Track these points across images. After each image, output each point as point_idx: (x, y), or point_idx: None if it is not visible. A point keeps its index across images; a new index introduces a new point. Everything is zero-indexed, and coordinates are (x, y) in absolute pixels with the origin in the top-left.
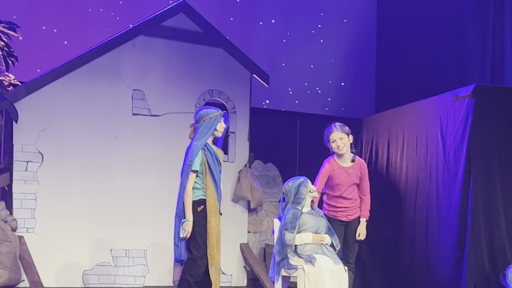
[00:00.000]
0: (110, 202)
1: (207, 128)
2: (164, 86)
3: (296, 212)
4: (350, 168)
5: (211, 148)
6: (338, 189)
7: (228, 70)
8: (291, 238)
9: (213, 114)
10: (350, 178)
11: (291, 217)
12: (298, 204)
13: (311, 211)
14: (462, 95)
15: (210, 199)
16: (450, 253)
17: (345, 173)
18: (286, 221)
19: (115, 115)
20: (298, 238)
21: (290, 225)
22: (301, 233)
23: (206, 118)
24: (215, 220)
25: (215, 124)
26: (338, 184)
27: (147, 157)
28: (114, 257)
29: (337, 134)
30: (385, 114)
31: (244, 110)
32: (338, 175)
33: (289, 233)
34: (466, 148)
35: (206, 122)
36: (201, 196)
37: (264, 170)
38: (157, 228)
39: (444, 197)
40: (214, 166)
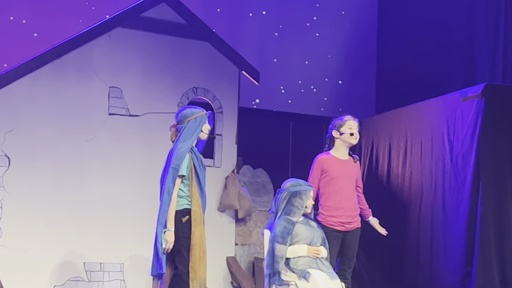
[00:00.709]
0: (84, 210)
1: (193, 129)
2: (144, 83)
3: (288, 223)
4: (348, 161)
5: (197, 152)
6: (336, 183)
7: (214, 66)
8: (282, 251)
9: (198, 114)
10: (349, 171)
11: (282, 227)
12: (289, 214)
13: (305, 221)
14: (471, 95)
15: (195, 208)
16: (457, 268)
17: (342, 165)
18: (277, 233)
19: (90, 115)
20: (291, 250)
21: (282, 237)
22: (294, 245)
23: (190, 118)
24: (200, 230)
25: (201, 125)
26: (336, 177)
27: (125, 161)
28: (88, 271)
29: (356, 124)
30: (386, 116)
31: (232, 110)
32: (334, 167)
33: (281, 245)
34: (475, 153)
35: (191, 123)
36: (185, 205)
37: (253, 176)
38: (135, 239)
39: (451, 206)
40: (200, 172)
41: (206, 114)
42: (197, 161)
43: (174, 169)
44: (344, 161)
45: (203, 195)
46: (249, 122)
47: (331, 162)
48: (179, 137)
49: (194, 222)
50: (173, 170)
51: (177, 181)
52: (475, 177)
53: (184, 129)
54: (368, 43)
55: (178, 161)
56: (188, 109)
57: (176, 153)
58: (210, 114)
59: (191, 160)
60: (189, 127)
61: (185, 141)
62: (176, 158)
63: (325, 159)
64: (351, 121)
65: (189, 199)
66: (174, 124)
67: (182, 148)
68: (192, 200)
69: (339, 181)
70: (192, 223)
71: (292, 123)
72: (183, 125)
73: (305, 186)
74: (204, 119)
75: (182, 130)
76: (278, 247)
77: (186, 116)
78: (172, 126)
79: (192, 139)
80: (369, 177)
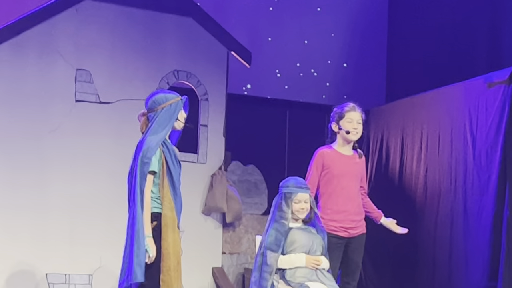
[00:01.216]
0: (45, 214)
1: (167, 118)
2: (117, 65)
3: (279, 231)
4: (352, 157)
5: (169, 145)
6: (338, 182)
7: (198, 45)
8: (273, 260)
9: (173, 100)
10: (353, 168)
11: (273, 238)
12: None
13: (304, 227)
14: (496, 80)
15: (166, 211)
16: (480, 282)
17: (346, 162)
18: (269, 240)
19: (53, 102)
20: (287, 260)
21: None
22: (290, 254)
23: (164, 105)
24: (173, 237)
25: (176, 112)
26: (338, 175)
27: (94, 156)
28: (51, 283)
29: (358, 115)
30: (398, 104)
31: (219, 97)
32: (336, 163)
33: (272, 253)
34: (501, 148)
35: (165, 110)
36: (154, 209)
37: (243, 174)
38: (106, 247)
39: (473, 210)
40: (173, 168)
41: (182, 100)
42: (169, 156)
43: (146, 164)
44: (348, 157)
45: (177, 196)
46: (239, 111)
47: (333, 157)
48: (150, 126)
49: (165, 228)
50: (144, 165)
51: (149, 177)
52: (501, 176)
53: (157, 117)
54: (378, 19)
55: (149, 154)
56: (160, 94)
57: (146, 145)
58: (186, 100)
59: (163, 154)
60: (163, 115)
61: (157, 133)
62: (146, 151)
63: (327, 154)
64: (352, 112)
65: (159, 201)
66: (144, 112)
67: (153, 139)
68: (163, 202)
69: (341, 180)
70: (162, 228)
71: (289, 112)
72: (156, 113)
73: (292, 187)
74: (180, 105)
75: (154, 118)
76: (269, 255)
77: (159, 102)
78: (142, 115)
79: (166, 129)
80: (377, 176)
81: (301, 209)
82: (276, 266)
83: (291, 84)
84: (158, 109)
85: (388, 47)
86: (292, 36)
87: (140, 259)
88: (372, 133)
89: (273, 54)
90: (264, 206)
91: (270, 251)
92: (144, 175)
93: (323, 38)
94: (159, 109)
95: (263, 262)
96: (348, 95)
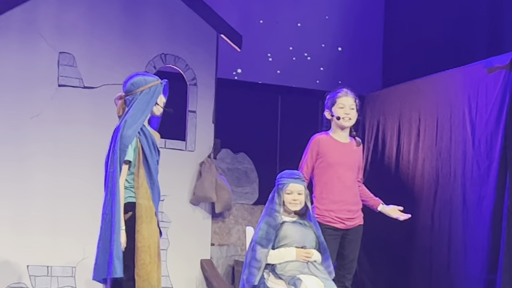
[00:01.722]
0: (26, 204)
1: (145, 102)
2: (102, 48)
3: (270, 226)
4: (349, 145)
5: (147, 131)
6: (334, 171)
7: (187, 28)
8: (262, 255)
9: (153, 83)
10: (350, 156)
11: (264, 233)
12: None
13: (298, 221)
14: (497, 65)
15: (142, 200)
16: (479, 274)
17: (342, 150)
18: (259, 234)
19: (35, 86)
20: (277, 254)
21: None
22: (280, 249)
23: (143, 88)
24: (149, 228)
25: (155, 97)
26: (334, 164)
27: (77, 144)
28: (32, 276)
29: (350, 100)
30: (395, 90)
31: (208, 82)
32: (332, 151)
33: (262, 248)
34: (502, 136)
35: (144, 94)
36: (130, 199)
37: (233, 162)
38: (90, 239)
39: (473, 200)
40: (150, 156)
41: (162, 83)
42: (147, 143)
43: (122, 151)
44: (345, 145)
45: (154, 185)
46: (229, 96)
47: (329, 144)
48: (127, 111)
49: (139, 219)
50: (121, 152)
51: (124, 167)
52: (502, 165)
53: (135, 101)
54: (374, 1)
55: (125, 142)
56: (139, 77)
57: (124, 132)
58: (166, 84)
59: (139, 142)
60: (141, 99)
61: (135, 118)
62: (122, 138)
63: (323, 141)
64: (344, 97)
65: (134, 191)
66: (122, 95)
67: (132, 126)
68: (138, 191)
69: (338, 169)
70: (137, 220)
71: (281, 98)
72: (134, 97)
73: (285, 178)
74: (159, 89)
75: (132, 102)
76: (258, 250)
77: (138, 85)
78: (119, 98)
79: (145, 114)
80: (373, 164)
81: (293, 200)
82: (266, 261)
83: (283, 69)
84: (137, 92)
85: (385, 30)
86: (284, 18)
87: (119, 253)
88: (367, 119)
89: (264, 37)
90: (254, 195)
91: (259, 246)
92: (120, 164)
93: (317, 21)
94: (137, 92)
95: (252, 257)
96: (342, 80)
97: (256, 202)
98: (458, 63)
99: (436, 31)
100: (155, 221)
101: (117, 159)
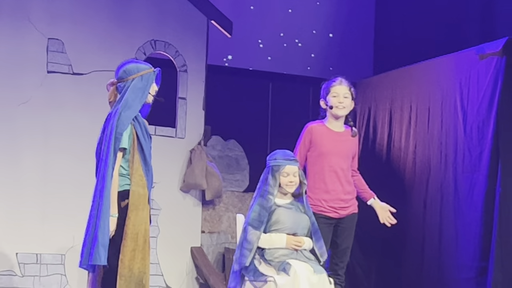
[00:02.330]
0: (15, 191)
1: (140, 90)
2: (91, 34)
3: (264, 208)
4: (343, 134)
5: (140, 118)
6: (327, 160)
7: (177, 14)
8: (254, 237)
9: (146, 71)
10: (343, 145)
11: (256, 214)
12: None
13: (291, 204)
14: (489, 52)
15: (136, 188)
16: (471, 262)
17: (336, 139)
18: (249, 220)
19: (23, 73)
20: (267, 239)
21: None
22: (271, 234)
23: (135, 75)
24: (141, 216)
25: (148, 85)
26: (326, 153)
27: (66, 130)
28: (21, 263)
29: (344, 89)
30: (387, 77)
31: (199, 68)
32: (325, 140)
33: (253, 230)
34: (493, 123)
35: (136, 81)
36: (126, 186)
37: (224, 149)
38: (79, 226)
39: (464, 187)
40: (145, 143)
41: (154, 72)
42: (140, 130)
43: (117, 139)
44: (338, 134)
45: (148, 172)
46: (220, 83)
47: (322, 133)
48: (121, 98)
49: (132, 206)
50: (116, 140)
51: (119, 154)
52: (494, 152)
53: (128, 88)
54: None
55: (121, 129)
56: (132, 64)
57: (119, 119)
58: (159, 72)
59: (133, 129)
60: (134, 86)
61: (130, 105)
62: (118, 125)
63: (316, 129)
64: (337, 86)
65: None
66: (114, 82)
67: (125, 113)
68: (133, 178)
69: (331, 158)
70: (129, 207)
71: (272, 85)
72: (126, 84)
73: (280, 159)
74: (152, 78)
75: (124, 89)
76: (249, 231)
77: (130, 72)
78: (111, 84)
79: (140, 102)
80: (364, 152)
81: (290, 182)
82: (257, 243)
83: (274, 55)
84: (129, 79)
85: (376, 16)
86: (275, 4)
87: (105, 240)
88: (359, 106)
89: (255, 23)
90: (245, 183)
91: (251, 227)
92: (114, 151)
93: (308, 7)
94: (129, 79)
95: (244, 238)
96: (334, 67)
97: (247, 189)
98: (450, 49)
99: (428, 18)
100: (147, 209)
101: (111, 147)
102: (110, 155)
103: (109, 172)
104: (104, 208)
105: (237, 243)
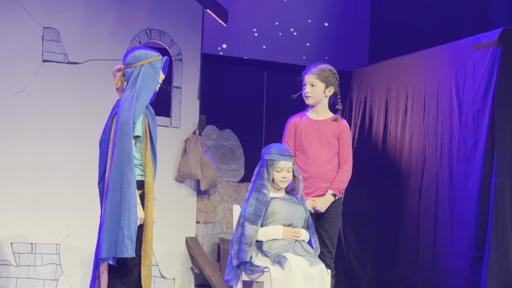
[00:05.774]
0: (10, 180)
1: (151, 77)
2: (86, 23)
3: (260, 202)
4: (324, 121)
5: (150, 108)
6: (308, 148)
7: (172, 2)
8: (252, 232)
9: (154, 58)
10: (321, 131)
11: (253, 209)
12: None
13: (287, 197)
14: (485, 42)
15: (148, 178)
16: (466, 251)
17: (313, 126)
18: (248, 210)
19: (19, 62)
20: (264, 232)
21: (254, 214)
22: (267, 226)
23: (144, 62)
24: (152, 204)
25: (158, 73)
26: (307, 140)
27: (62, 119)
28: (16, 253)
29: (310, 78)
30: (382, 66)
31: (194, 57)
32: (305, 129)
33: (250, 224)
34: (489, 112)
35: (145, 68)
36: (139, 176)
37: (219, 139)
38: (75, 215)
39: (460, 177)
40: (154, 133)
41: (163, 60)
42: (151, 120)
43: (128, 125)
44: (317, 121)
45: (155, 161)
46: (215, 72)
47: (302, 123)
48: (131, 85)
49: (148, 196)
50: (125, 125)
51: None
52: (489, 142)
53: (139, 75)
54: None
55: (134, 117)
56: (141, 50)
57: (130, 105)
58: (166, 60)
59: (145, 117)
60: (145, 73)
61: (142, 93)
62: (131, 112)
63: (297, 122)
64: (305, 76)
65: (142, 168)
66: (121, 67)
67: (138, 101)
68: (145, 169)
69: (311, 145)
70: (145, 196)
71: (267, 74)
72: (134, 70)
73: (274, 154)
74: (160, 65)
75: (131, 76)
76: (247, 226)
77: (139, 58)
78: (117, 70)
79: (152, 90)
80: (360, 141)
81: (283, 178)
82: (256, 237)
83: (269, 44)
84: (137, 65)
85: (372, 5)
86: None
87: (132, 232)
88: (354, 96)
89: (250, 12)
90: (240, 173)
91: (248, 222)
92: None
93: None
94: (137, 65)
95: (242, 233)
96: (329, 56)
97: (242, 179)
98: (446, 39)
99: (424, 7)
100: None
101: (130, 133)
102: (118, 144)
103: (132, 161)
104: (129, 199)
105: (233, 235)
